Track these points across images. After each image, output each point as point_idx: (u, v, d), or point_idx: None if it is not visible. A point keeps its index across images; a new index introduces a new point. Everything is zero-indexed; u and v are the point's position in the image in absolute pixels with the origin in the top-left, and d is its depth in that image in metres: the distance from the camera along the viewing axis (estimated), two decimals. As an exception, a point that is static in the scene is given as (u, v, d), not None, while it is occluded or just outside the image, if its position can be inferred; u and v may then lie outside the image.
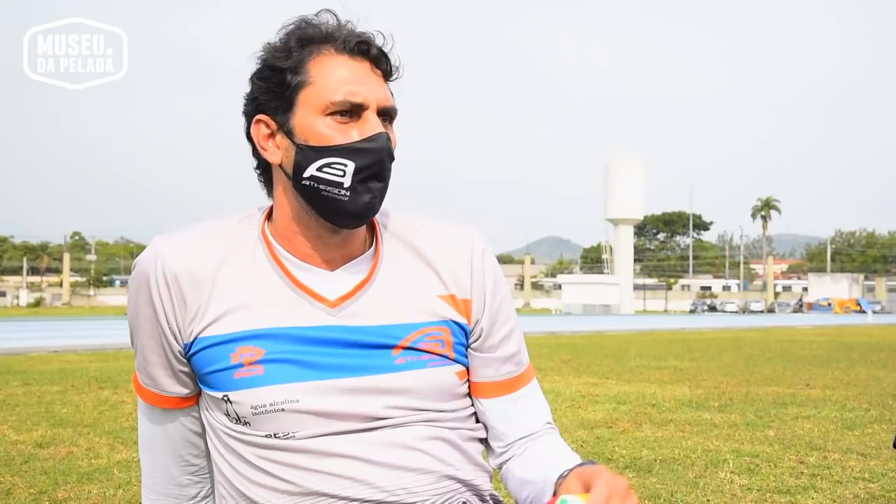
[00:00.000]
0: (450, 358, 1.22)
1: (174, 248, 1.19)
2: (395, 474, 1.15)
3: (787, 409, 7.85)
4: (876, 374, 11.69)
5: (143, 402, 1.29)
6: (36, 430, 6.41)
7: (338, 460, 1.14)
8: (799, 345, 19.74)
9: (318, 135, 1.14)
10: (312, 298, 1.18)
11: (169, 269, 1.17)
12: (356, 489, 1.14)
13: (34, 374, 10.80)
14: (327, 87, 1.13)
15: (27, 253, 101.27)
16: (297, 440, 1.15)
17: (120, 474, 4.87)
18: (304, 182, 1.15)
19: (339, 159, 1.13)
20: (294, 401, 1.14)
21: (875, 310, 68.30)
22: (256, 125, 1.19)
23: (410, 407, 1.18)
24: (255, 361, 1.15)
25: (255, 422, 1.16)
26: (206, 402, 1.23)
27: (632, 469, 5.11)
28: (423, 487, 1.17)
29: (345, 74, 1.14)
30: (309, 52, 1.15)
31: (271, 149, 1.19)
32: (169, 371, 1.22)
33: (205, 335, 1.17)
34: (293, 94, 1.15)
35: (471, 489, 1.23)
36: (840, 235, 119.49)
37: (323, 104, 1.13)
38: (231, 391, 1.16)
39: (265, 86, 1.17)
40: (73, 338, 19.84)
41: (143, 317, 1.20)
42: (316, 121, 1.14)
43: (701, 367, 12.88)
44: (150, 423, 1.29)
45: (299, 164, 1.15)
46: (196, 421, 1.28)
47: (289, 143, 1.16)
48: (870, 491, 4.61)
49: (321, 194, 1.14)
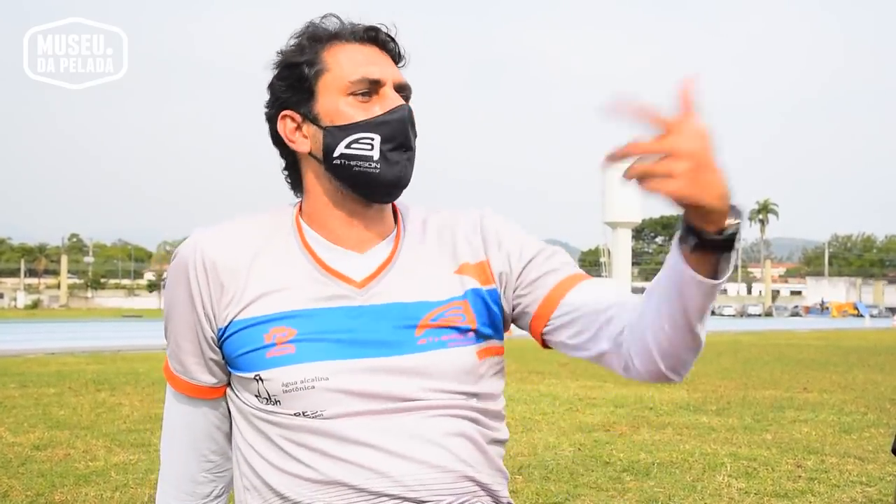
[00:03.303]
0: (472, 329, 1.24)
1: (213, 237, 1.25)
2: (416, 468, 1.17)
3: (785, 413, 7.86)
4: (873, 377, 11.71)
5: (171, 390, 1.33)
6: (33, 432, 6.41)
7: (360, 448, 1.17)
8: (796, 348, 19.78)
9: (342, 114, 1.20)
10: (340, 280, 1.22)
11: (208, 257, 1.22)
12: (376, 481, 1.16)
13: (31, 376, 10.79)
14: (344, 70, 1.20)
15: (25, 255, 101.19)
16: (325, 419, 1.17)
17: (117, 476, 4.87)
18: (335, 162, 1.20)
19: (365, 134, 1.19)
20: (324, 378, 1.17)
21: (872, 314, 68.36)
22: (282, 121, 1.25)
23: (435, 388, 1.20)
24: (288, 341, 1.19)
25: (284, 399, 1.19)
26: (236, 387, 1.26)
27: (629, 472, 5.11)
28: (442, 486, 1.18)
29: (358, 57, 1.21)
30: (321, 45, 1.23)
31: (299, 140, 1.24)
32: (200, 359, 1.27)
33: (240, 318, 1.21)
34: (313, 84, 1.21)
35: (488, 493, 1.24)
36: (837, 239, 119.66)
37: (342, 85, 1.20)
38: (263, 370, 1.19)
39: (285, 83, 1.24)
40: (71, 340, 19.85)
41: (179, 303, 1.25)
42: (338, 102, 1.20)
43: (698, 370, 12.89)
44: (176, 412, 1.33)
45: (328, 146, 1.20)
46: (220, 416, 1.31)
47: (315, 128, 1.22)
48: (867, 494, 4.62)
49: (354, 170, 1.20)
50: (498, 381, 1.29)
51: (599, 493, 4.61)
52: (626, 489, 4.69)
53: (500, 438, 1.29)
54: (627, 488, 4.71)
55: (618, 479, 4.94)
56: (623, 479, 4.93)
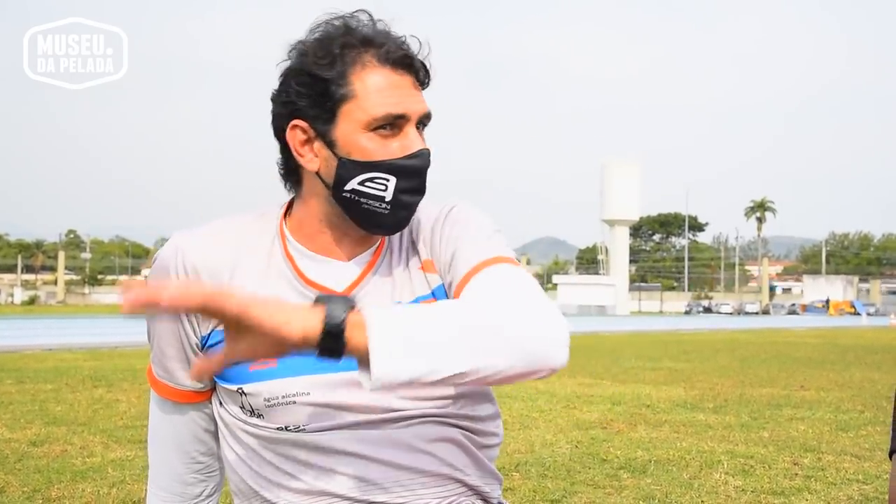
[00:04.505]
0: None
1: (194, 242, 1.21)
2: (401, 475, 1.16)
3: (782, 411, 7.86)
4: (870, 375, 11.72)
5: (156, 395, 1.31)
6: (30, 428, 6.40)
7: (345, 458, 1.16)
8: (794, 346, 19.78)
9: (361, 149, 1.14)
10: (321, 292, 1.19)
11: (189, 262, 1.19)
12: (362, 489, 1.16)
13: (28, 372, 10.78)
14: (372, 103, 1.13)
15: (22, 251, 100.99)
16: (308, 433, 1.16)
17: (114, 473, 4.86)
18: (345, 194, 1.16)
19: (382, 174, 1.14)
20: (305, 393, 1.16)
21: (869, 312, 68.42)
22: (293, 130, 1.18)
23: (416, 396, 1.19)
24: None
25: (267, 414, 1.18)
26: (221, 396, 1.25)
27: (626, 470, 5.11)
28: (427, 490, 1.18)
29: (389, 89, 1.14)
30: (351, 61, 1.14)
31: (308, 155, 1.18)
32: (185, 364, 1.25)
33: (221, 328, 1.18)
34: (336, 106, 1.14)
35: (477, 494, 1.23)
36: (834, 237, 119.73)
37: (367, 119, 1.13)
38: (245, 384, 1.18)
39: (305, 91, 1.16)
40: (68, 336, 19.80)
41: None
42: (360, 136, 1.14)
43: (696, 368, 12.89)
44: (161, 417, 1.32)
45: (341, 177, 1.16)
46: (206, 418, 1.30)
47: (329, 153, 1.16)
48: (864, 493, 4.62)
49: (361, 207, 1.16)
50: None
51: (596, 490, 4.61)
52: (623, 486, 4.69)
53: (491, 442, 1.27)
54: (624, 485, 4.71)
55: (615, 476, 4.94)
56: (620, 476, 4.94)
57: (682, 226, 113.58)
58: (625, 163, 76.33)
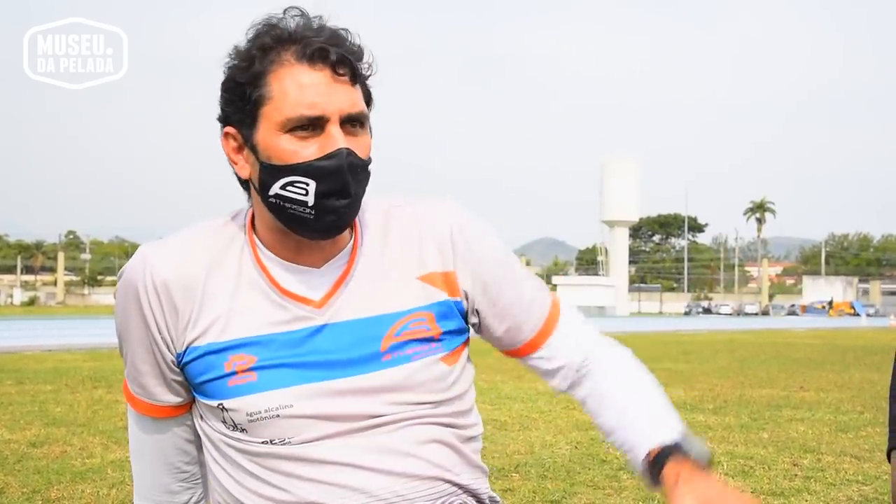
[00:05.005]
0: (435, 339, 1.20)
1: (162, 255, 1.17)
2: (390, 481, 1.15)
3: (782, 412, 7.86)
4: (870, 376, 11.72)
5: (133, 411, 1.27)
6: (29, 429, 6.40)
7: (333, 468, 1.14)
8: (793, 347, 19.78)
9: (279, 152, 1.10)
10: (298, 302, 1.17)
11: (158, 277, 1.15)
12: (351, 498, 1.14)
13: (28, 372, 10.77)
14: (286, 103, 1.09)
15: (21, 251, 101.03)
16: (293, 446, 1.14)
17: (114, 474, 4.86)
18: (270, 199, 1.13)
19: (300, 178, 1.10)
20: (288, 406, 1.13)
21: (869, 313, 68.42)
22: (226, 138, 1.16)
23: (403, 402, 1.17)
24: (249, 368, 1.14)
25: (251, 428, 1.15)
26: (202, 411, 1.22)
27: (626, 470, 5.11)
28: (418, 493, 1.16)
29: (304, 86, 1.09)
30: (269, 63, 1.10)
31: (241, 162, 1.16)
32: (161, 380, 1.21)
33: (197, 344, 1.16)
34: (255, 109, 1.11)
35: (468, 493, 1.23)
36: (834, 238, 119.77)
37: (281, 120, 1.09)
38: (226, 399, 1.15)
39: (229, 98, 1.14)
40: (68, 337, 19.78)
41: (133, 327, 1.18)
42: (277, 138, 1.10)
43: (695, 369, 12.90)
44: (141, 432, 1.28)
45: (264, 182, 1.12)
46: (188, 429, 1.27)
47: (254, 159, 1.13)
48: (863, 493, 4.62)
49: (288, 212, 1.12)
50: (468, 374, 1.27)
51: (596, 491, 4.62)
52: (623, 487, 4.69)
53: (474, 434, 1.27)
54: (624, 486, 4.71)
55: (614, 477, 4.94)
56: (620, 477, 4.94)
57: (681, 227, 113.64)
58: (623, 161, 76.35)
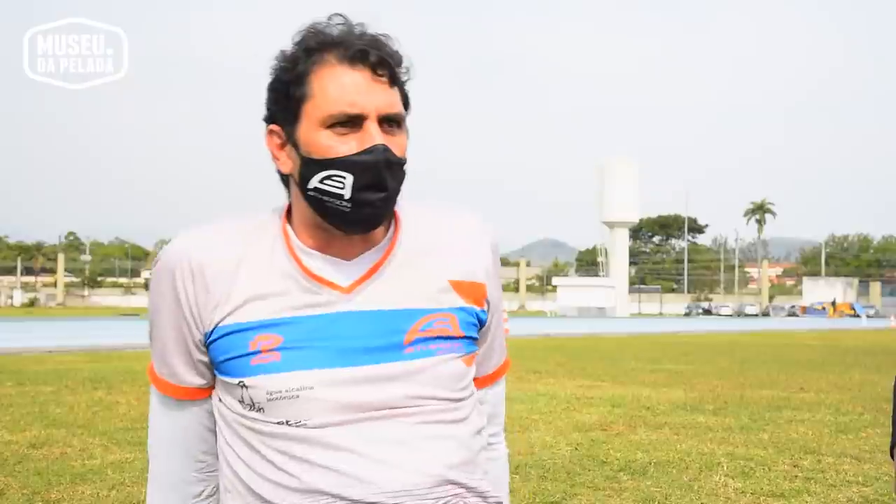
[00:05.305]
0: (460, 338, 1.25)
1: (199, 239, 1.23)
2: (400, 475, 1.17)
3: (782, 413, 7.87)
4: (870, 377, 11.72)
5: (157, 393, 1.31)
6: (29, 430, 6.40)
7: (344, 455, 1.16)
8: (793, 348, 19.79)
9: (319, 147, 1.17)
10: (326, 286, 1.21)
11: (195, 260, 1.21)
12: (358, 489, 1.15)
13: (28, 374, 10.78)
14: (326, 100, 1.16)
15: (21, 253, 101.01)
16: (309, 428, 1.17)
17: (113, 475, 4.86)
18: (309, 193, 1.19)
19: (338, 172, 1.16)
20: (309, 388, 1.17)
21: (869, 314, 68.42)
22: (270, 135, 1.24)
23: (420, 395, 1.20)
24: (273, 349, 1.18)
25: (268, 408, 1.18)
26: (220, 391, 1.25)
27: (626, 472, 5.11)
28: (425, 491, 1.18)
29: (344, 85, 1.17)
30: (312, 63, 1.18)
31: (283, 158, 1.23)
32: (188, 360, 1.25)
33: (225, 323, 1.20)
34: (297, 107, 1.18)
35: (475, 493, 1.24)
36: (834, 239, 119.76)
37: (322, 116, 1.16)
38: (247, 377, 1.19)
39: (274, 97, 1.22)
40: (68, 338, 19.80)
41: (165, 306, 1.24)
42: (318, 133, 1.17)
43: (696, 370, 12.90)
44: (163, 415, 1.31)
45: (304, 176, 1.19)
46: (208, 416, 1.29)
47: (296, 154, 1.20)
48: (863, 494, 4.62)
49: (326, 205, 1.18)
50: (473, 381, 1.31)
51: (596, 492, 4.62)
52: (623, 488, 4.69)
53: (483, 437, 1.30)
54: (624, 487, 4.71)
55: (614, 478, 4.94)
56: (620, 478, 4.94)
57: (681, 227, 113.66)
58: (624, 162, 76.41)
